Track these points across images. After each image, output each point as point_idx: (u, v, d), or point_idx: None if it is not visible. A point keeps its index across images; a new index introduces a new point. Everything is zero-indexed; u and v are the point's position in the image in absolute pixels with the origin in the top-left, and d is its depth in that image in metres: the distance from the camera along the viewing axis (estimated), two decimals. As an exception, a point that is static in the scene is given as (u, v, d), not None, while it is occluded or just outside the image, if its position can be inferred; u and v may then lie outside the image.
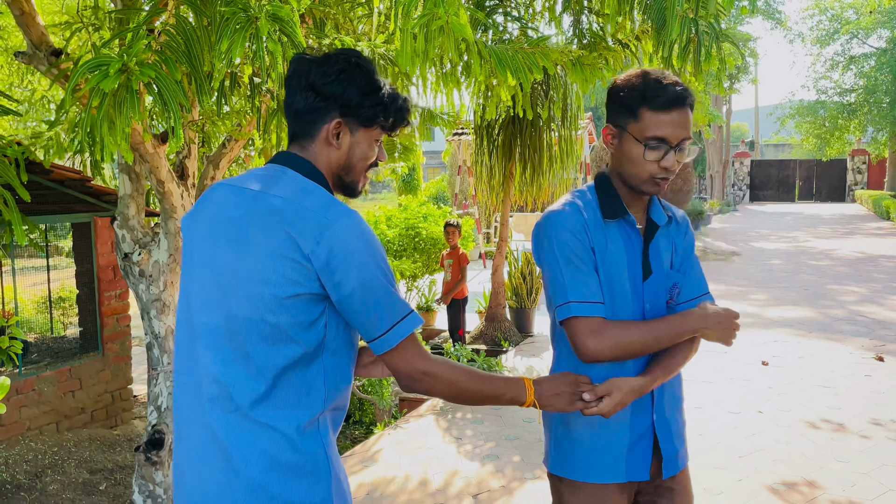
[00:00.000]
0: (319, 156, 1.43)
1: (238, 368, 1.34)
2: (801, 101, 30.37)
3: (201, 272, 1.40)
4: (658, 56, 3.42)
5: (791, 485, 3.66)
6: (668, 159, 1.62)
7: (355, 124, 1.43)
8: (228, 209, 1.39)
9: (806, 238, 16.95)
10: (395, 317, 1.34)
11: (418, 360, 1.38)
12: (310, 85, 1.40)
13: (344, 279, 1.30)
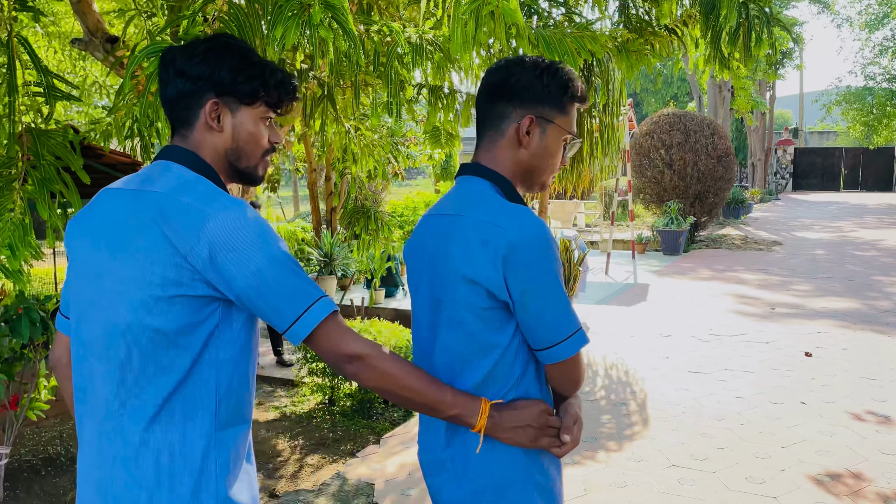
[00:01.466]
0: (203, 144, 1.35)
1: (123, 381, 1.25)
2: (847, 87, 29.55)
3: (84, 281, 1.31)
4: (706, 41, 3.38)
5: (835, 476, 3.62)
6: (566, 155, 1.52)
7: (234, 102, 1.34)
8: (109, 213, 1.30)
9: (851, 228, 16.54)
10: (304, 303, 1.24)
11: (344, 342, 1.27)
12: (178, 71, 1.33)
13: (234, 275, 1.21)
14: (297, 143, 10.25)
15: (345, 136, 4.39)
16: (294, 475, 4.21)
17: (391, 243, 5.95)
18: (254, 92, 1.35)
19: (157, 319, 1.22)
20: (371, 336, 5.50)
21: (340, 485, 3.68)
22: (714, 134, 14.13)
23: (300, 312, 1.23)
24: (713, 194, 14.13)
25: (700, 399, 4.84)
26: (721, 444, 4.06)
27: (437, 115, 3.85)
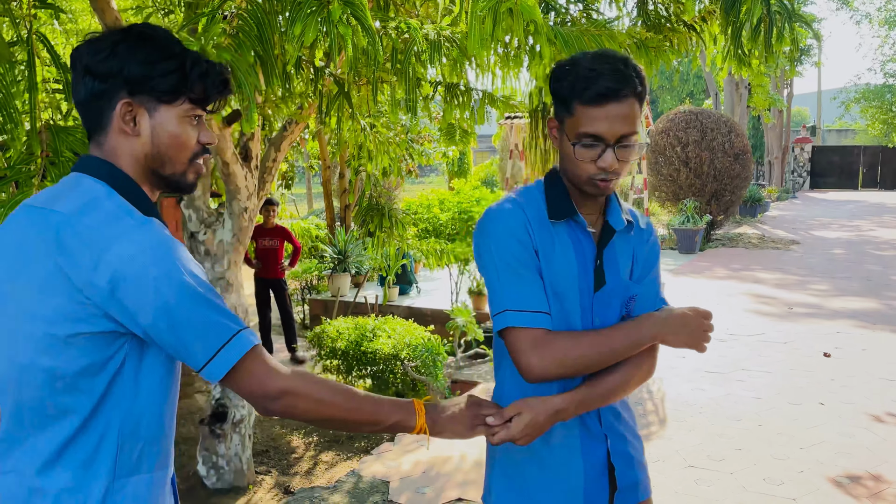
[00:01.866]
0: (119, 150, 1.19)
1: (19, 421, 1.14)
2: (867, 84, 29.21)
3: None
4: (727, 36, 3.34)
5: (855, 478, 3.58)
6: (604, 158, 1.38)
7: (151, 102, 1.18)
8: (13, 233, 1.16)
9: (870, 227, 16.35)
10: (220, 339, 1.11)
11: (270, 378, 1.16)
12: (85, 69, 1.18)
13: (139, 309, 1.08)
14: (312, 140, 10.29)
15: (360, 133, 4.39)
16: (308, 472, 4.22)
17: (405, 241, 5.94)
18: (172, 88, 1.19)
19: (53, 360, 1.09)
20: (386, 334, 5.50)
21: (355, 482, 3.68)
22: (731, 132, 14.01)
23: (215, 350, 1.11)
24: (730, 192, 14.02)
25: (717, 399, 4.80)
26: (739, 444, 4.02)
27: (454, 112, 3.84)
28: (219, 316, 1.12)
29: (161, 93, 1.18)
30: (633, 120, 1.39)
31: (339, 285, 8.45)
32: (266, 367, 1.16)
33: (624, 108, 1.37)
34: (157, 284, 1.07)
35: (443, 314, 7.47)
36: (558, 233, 1.47)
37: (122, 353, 1.12)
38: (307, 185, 25.45)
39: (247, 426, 3.92)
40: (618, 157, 1.39)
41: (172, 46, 1.20)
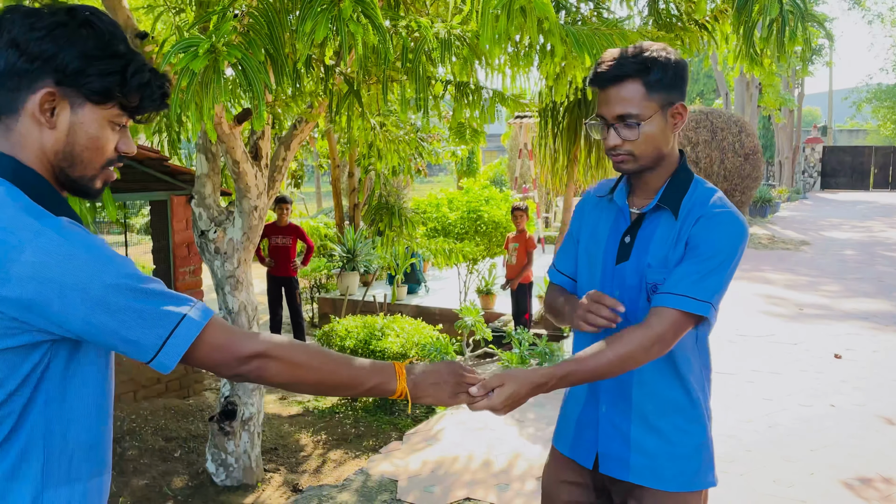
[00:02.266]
0: (27, 140, 1.08)
1: None
2: (878, 84, 29.01)
3: None
4: (738, 36, 3.33)
5: (866, 480, 3.55)
6: (609, 137, 1.56)
7: (78, 98, 1.08)
8: None
9: (881, 228, 16.23)
10: (165, 328, 1.05)
11: (238, 343, 1.12)
12: (12, 40, 1.06)
13: (67, 317, 1.00)
14: (321, 138, 10.30)
15: (370, 132, 4.39)
16: (317, 470, 4.23)
17: (414, 240, 5.95)
18: (106, 90, 1.09)
19: None
20: (395, 333, 5.50)
21: (364, 480, 3.69)
22: (741, 131, 13.95)
23: (163, 339, 1.04)
24: (740, 193, 13.96)
25: (727, 400, 4.78)
26: (748, 446, 4.00)
27: (464, 111, 3.83)
28: (158, 303, 1.05)
29: (92, 92, 1.08)
30: (627, 102, 1.51)
31: (348, 284, 8.46)
32: (230, 335, 1.12)
33: (618, 91, 1.52)
34: (81, 283, 0.99)
35: (451, 313, 7.47)
36: (604, 210, 1.70)
37: (45, 359, 1.04)
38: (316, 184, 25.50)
39: (256, 424, 3.93)
40: (620, 135, 1.54)
41: (117, 44, 1.10)
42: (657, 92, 1.52)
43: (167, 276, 5.44)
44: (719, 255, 1.52)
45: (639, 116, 1.52)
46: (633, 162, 1.57)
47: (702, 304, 1.49)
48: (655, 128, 1.54)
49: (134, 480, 3.90)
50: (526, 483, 3.58)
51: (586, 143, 6.83)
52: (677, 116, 1.57)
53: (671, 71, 1.53)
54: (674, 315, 1.49)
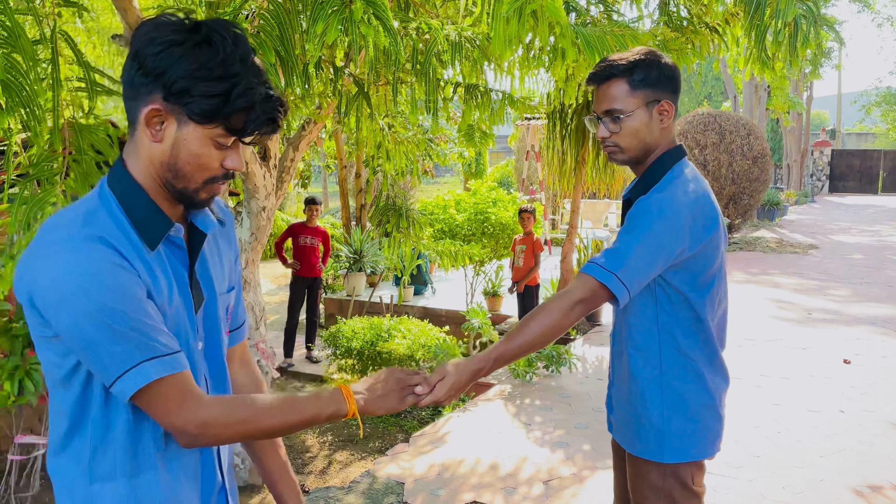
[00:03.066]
0: (140, 149, 1.14)
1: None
2: (888, 88, 28.87)
3: None
4: (750, 39, 3.31)
5: (876, 488, 3.52)
6: (599, 130, 1.75)
7: (182, 116, 1.10)
8: None
9: (890, 232, 16.13)
10: (118, 369, 1.08)
11: (181, 411, 1.11)
12: (136, 53, 1.11)
13: (56, 325, 1.07)
14: (329, 139, 10.31)
15: (379, 133, 4.39)
16: (323, 471, 4.23)
17: (421, 241, 5.94)
18: (208, 112, 1.10)
19: (42, 357, 1.13)
20: (401, 334, 5.49)
21: (370, 483, 3.68)
22: (750, 134, 13.88)
23: (114, 378, 1.08)
24: (748, 196, 13.89)
25: (735, 405, 4.75)
26: (757, 451, 3.98)
27: (473, 113, 3.83)
28: (123, 347, 1.06)
29: (194, 112, 1.10)
30: (611, 99, 1.70)
31: (355, 285, 8.46)
32: (175, 398, 1.11)
33: (603, 90, 1.73)
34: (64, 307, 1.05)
35: (458, 315, 7.46)
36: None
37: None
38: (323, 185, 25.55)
39: (262, 425, 3.92)
40: (607, 128, 1.73)
41: (231, 65, 1.09)
42: (640, 89, 1.70)
43: (175, 276, 5.44)
44: (634, 230, 1.64)
45: (622, 111, 1.70)
46: (620, 153, 1.75)
47: (606, 273, 1.61)
48: (638, 122, 1.71)
49: (140, 480, 3.91)
50: (533, 487, 3.57)
51: (594, 146, 6.80)
52: (664, 113, 1.73)
53: (655, 71, 1.71)
54: (585, 280, 1.64)
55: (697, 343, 1.76)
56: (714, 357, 1.79)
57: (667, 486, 1.77)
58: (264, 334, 3.97)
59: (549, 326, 1.60)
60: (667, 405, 1.75)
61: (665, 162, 1.74)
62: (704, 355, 1.77)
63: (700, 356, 1.76)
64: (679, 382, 1.75)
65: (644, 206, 1.65)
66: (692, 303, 1.73)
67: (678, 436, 1.75)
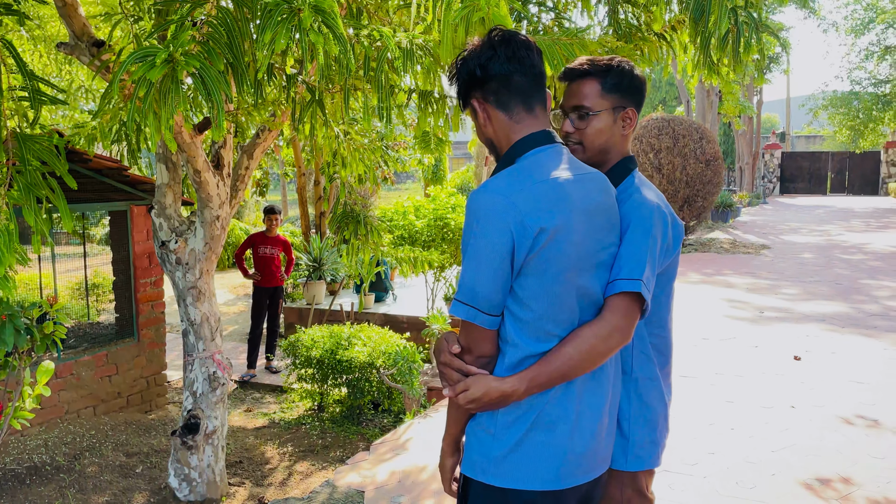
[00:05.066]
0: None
1: None
2: (834, 91, 29.78)
3: None
4: (696, 46, 3.39)
5: (825, 481, 3.63)
6: (564, 125, 1.79)
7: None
8: None
9: (838, 232, 16.66)
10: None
11: None
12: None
13: None
14: (286, 147, 10.21)
15: (334, 140, 4.37)
16: (283, 483, 4.18)
17: (381, 248, 5.92)
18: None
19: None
20: (362, 342, 5.47)
21: (330, 493, 3.65)
22: (702, 138, 14.20)
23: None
24: (702, 198, 14.20)
25: (690, 404, 4.85)
26: (711, 448, 4.06)
27: (428, 119, 3.84)
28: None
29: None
30: (580, 96, 1.75)
31: (315, 293, 8.39)
32: None
33: (572, 87, 1.78)
34: None
35: (419, 321, 7.45)
36: None
37: None
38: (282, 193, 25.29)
39: (220, 437, 3.87)
40: (573, 124, 1.76)
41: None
42: (611, 93, 1.75)
43: (127, 288, 5.33)
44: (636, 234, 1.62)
45: (590, 109, 1.74)
46: (581, 152, 1.76)
47: (631, 282, 1.55)
48: (603, 124, 1.75)
49: (94, 497, 3.81)
50: (493, 491, 3.58)
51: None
52: (627, 120, 1.77)
53: (627, 79, 1.76)
54: (619, 301, 1.55)
55: (660, 349, 1.78)
56: (667, 364, 1.81)
57: (626, 495, 1.75)
58: (220, 345, 3.91)
59: (596, 346, 1.50)
60: (634, 412, 1.74)
61: (623, 168, 1.77)
62: (660, 363, 1.78)
63: (660, 363, 1.78)
64: (645, 389, 1.75)
65: (639, 211, 1.64)
66: (661, 308, 1.76)
67: (641, 444, 1.74)
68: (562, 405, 1.51)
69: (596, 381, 1.57)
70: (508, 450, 1.50)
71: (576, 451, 1.52)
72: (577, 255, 1.49)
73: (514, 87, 1.56)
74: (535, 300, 1.47)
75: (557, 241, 1.45)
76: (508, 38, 1.58)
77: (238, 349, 7.61)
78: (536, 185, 1.47)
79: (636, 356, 1.74)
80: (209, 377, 3.81)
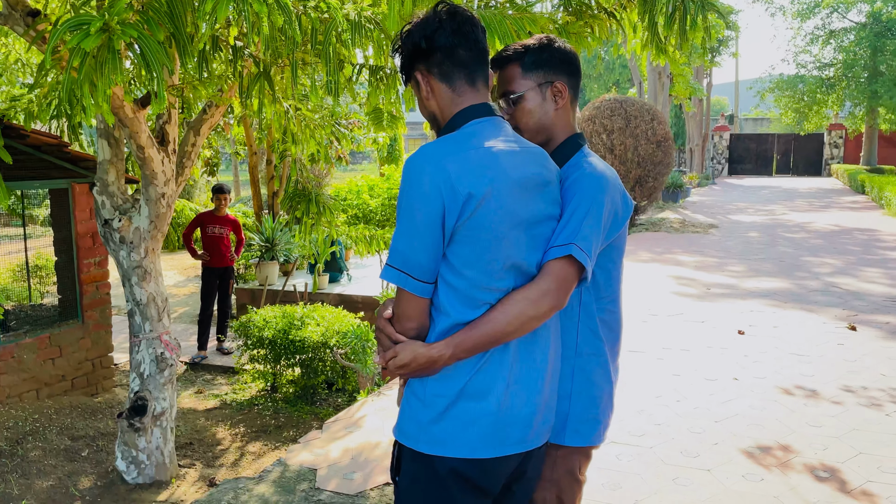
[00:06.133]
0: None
1: None
2: (780, 75, 30.51)
3: None
4: (643, 25, 3.42)
5: (765, 448, 3.77)
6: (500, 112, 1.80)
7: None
8: None
9: (783, 211, 17.17)
10: None
11: None
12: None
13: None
14: (237, 125, 10.00)
15: (283, 116, 4.30)
16: (234, 463, 4.15)
17: (334, 227, 5.87)
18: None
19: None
20: (315, 322, 5.43)
21: (282, 471, 3.64)
22: (654, 119, 14.41)
23: None
24: (653, 178, 14.44)
25: (638, 378, 4.96)
26: (658, 420, 4.17)
27: (379, 95, 3.80)
28: None
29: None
30: (505, 82, 1.78)
31: (267, 274, 8.29)
32: None
33: (504, 72, 1.79)
34: None
35: (374, 301, 7.43)
36: None
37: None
38: (234, 172, 24.82)
39: (168, 419, 3.81)
40: (506, 110, 1.78)
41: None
42: (532, 71, 1.75)
43: (70, 269, 5.18)
44: (579, 203, 1.61)
45: (514, 91, 1.76)
46: (520, 135, 1.72)
47: (564, 247, 1.54)
48: (531, 103, 1.75)
49: (38, 482, 3.72)
50: (446, 466, 3.61)
51: (504, 130, 6.89)
52: (558, 94, 1.76)
53: (546, 54, 1.76)
54: (551, 265, 1.54)
55: (611, 325, 1.78)
56: (616, 342, 1.81)
57: (556, 474, 1.75)
58: (168, 326, 3.84)
59: (516, 314, 1.49)
60: (576, 387, 1.73)
61: (572, 144, 1.76)
62: (609, 340, 1.77)
63: (608, 340, 1.77)
64: (590, 366, 1.74)
65: (583, 180, 1.64)
66: (612, 282, 1.76)
67: (582, 419, 1.73)
68: (492, 374, 1.52)
69: (530, 354, 1.57)
70: (437, 417, 1.51)
71: (505, 421, 1.52)
72: (509, 223, 1.49)
73: (458, 60, 1.57)
74: (467, 267, 1.48)
75: (487, 208, 1.45)
76: (454, 12, 1.58)
77: (189, 331, 7.49)
78: (469, 151, 1.48)
79: (582, 331, 1.74)
80: (156, 358, 3.74)
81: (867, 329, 6.25)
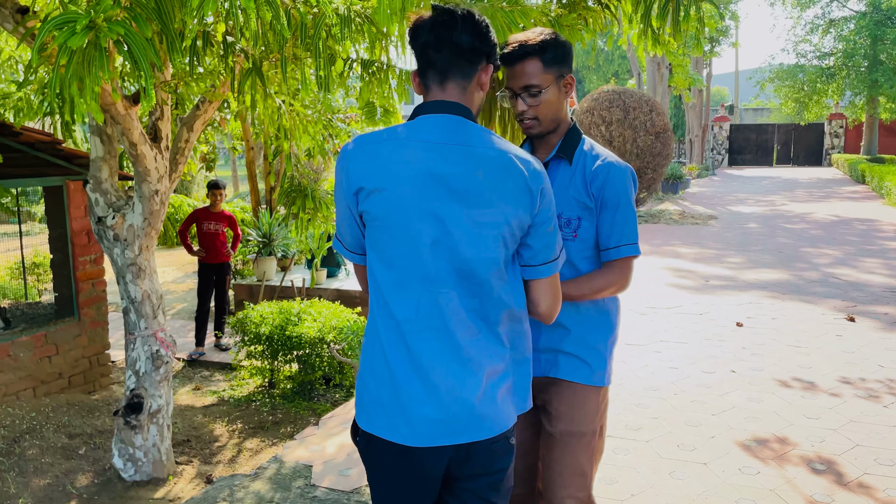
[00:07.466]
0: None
1: None
2: (780, 64, 30.41)
3: None
4: (637, 16, 3.40)
5: (762, 441, 3.76)
6: (518, 105, 1.92)
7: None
8: None
9: (783, 202, 17.13)
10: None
11: None
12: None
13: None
14: (234, 120, 9.97)
15: (276, 111, 4.27)
16: (232, 460, 4.15)
17: (331, 222, 5.85)
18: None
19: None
20: (312, 317, 5.42)
21: (278, 468, 3.63)
22: (652, 111, 14.37)
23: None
24: (652, 170, 14.41)
25: (636, 370, 4.96)
26: (655, 413, 4.17)
27: (373, 90, 3.78)
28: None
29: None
30: (529, 76, 1.87)
31: (265, 269, 8.27)
32: None
33: (524, 66, 1.87)
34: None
35: (371, 295, 7.42)
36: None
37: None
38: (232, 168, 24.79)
39: (165, 416, 3.80)
40: (526, 102, 1.90)
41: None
42: (551, 66, 1.89)
43: (66, 266, 5.17)
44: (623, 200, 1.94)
45: (539, 86, 1.89)
46: (538, 126, 1.94)
47: (635, 246, 1.94)
48: (552, 96, 1.91)
49: (35, 480, 3.72)
50: (442, 461, 3.61)
51: (500, 123, 6.86)
52: (567, 86, 1.95)
53: (560, 49, 1.91)
54: (619, 264, 1.94)
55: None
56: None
57: (602, 406, 2.05)
58: (163, 323, 3.83)
59: (603, 287, 1.92)
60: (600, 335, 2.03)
61: (576, 133, 1.99)
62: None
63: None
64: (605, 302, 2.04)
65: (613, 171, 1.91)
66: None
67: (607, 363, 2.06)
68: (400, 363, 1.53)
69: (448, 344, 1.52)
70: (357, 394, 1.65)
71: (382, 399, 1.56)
72: (415, 217, 1.48)
73: (428, 59, 1.61)
74: (395, 259, 1.54)
75: (380, 201, 1.50)
76: (435, 14, 1.61)
77: (186, 327, 7.48)
78: (378, 144, 1.55)
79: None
80: (152, 356, 3.74)
81: (866, 320, 6.24)
